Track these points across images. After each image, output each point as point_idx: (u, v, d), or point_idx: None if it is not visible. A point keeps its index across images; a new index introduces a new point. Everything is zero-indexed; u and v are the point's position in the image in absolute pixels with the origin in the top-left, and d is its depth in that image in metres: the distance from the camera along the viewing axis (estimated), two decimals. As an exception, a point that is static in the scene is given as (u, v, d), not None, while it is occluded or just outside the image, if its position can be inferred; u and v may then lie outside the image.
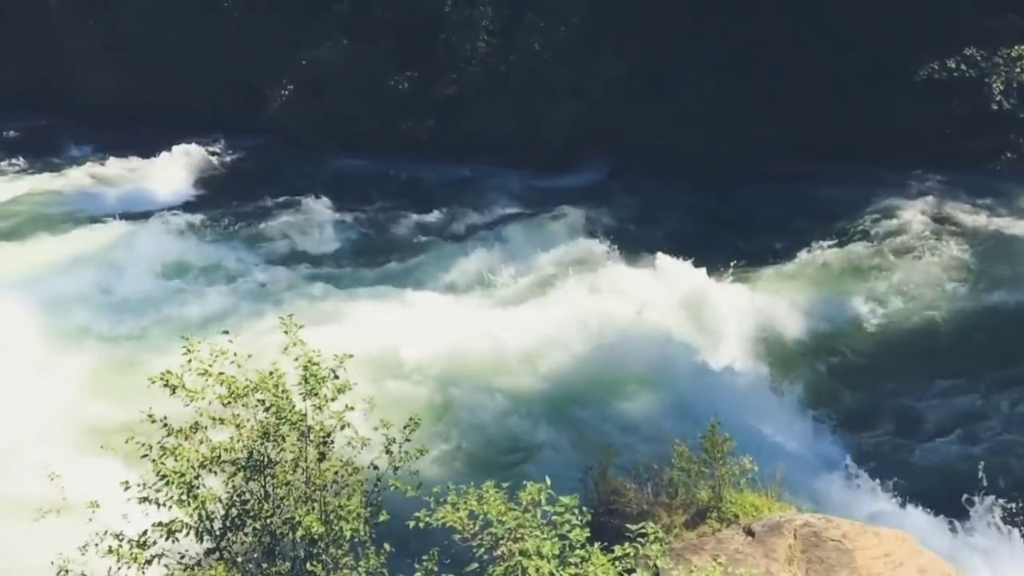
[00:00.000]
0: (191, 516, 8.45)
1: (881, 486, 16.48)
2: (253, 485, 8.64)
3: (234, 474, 8.61)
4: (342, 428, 8.85)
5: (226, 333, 9.50)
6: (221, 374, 8.80)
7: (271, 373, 8.85)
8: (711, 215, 28.89)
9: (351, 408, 8.89)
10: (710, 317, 22.83)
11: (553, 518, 7.63)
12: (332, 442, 8.89)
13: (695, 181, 30.33)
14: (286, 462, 8.72)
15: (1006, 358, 21.10)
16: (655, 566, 7.68)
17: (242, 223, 30.64)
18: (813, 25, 29.81)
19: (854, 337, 22.55)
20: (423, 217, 30.43)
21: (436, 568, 8.31)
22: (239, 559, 8.66)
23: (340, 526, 8.53)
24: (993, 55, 29.60)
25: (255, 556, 8.68)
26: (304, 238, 29.33)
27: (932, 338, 22.32)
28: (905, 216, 27.56)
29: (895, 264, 25.32)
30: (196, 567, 8.63)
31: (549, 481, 7.90)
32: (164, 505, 8.50)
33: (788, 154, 29.68)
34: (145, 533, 8.52)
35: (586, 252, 26.75)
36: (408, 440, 8.95)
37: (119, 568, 8.38)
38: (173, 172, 34.58)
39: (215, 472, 8.63)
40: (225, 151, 36.90)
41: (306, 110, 35.86)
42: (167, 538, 8.54)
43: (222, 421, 8.78)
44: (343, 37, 35.57)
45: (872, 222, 27.51)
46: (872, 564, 10.74)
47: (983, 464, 16.60)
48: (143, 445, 8.59)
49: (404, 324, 22.83)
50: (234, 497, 8.66)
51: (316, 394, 8.70)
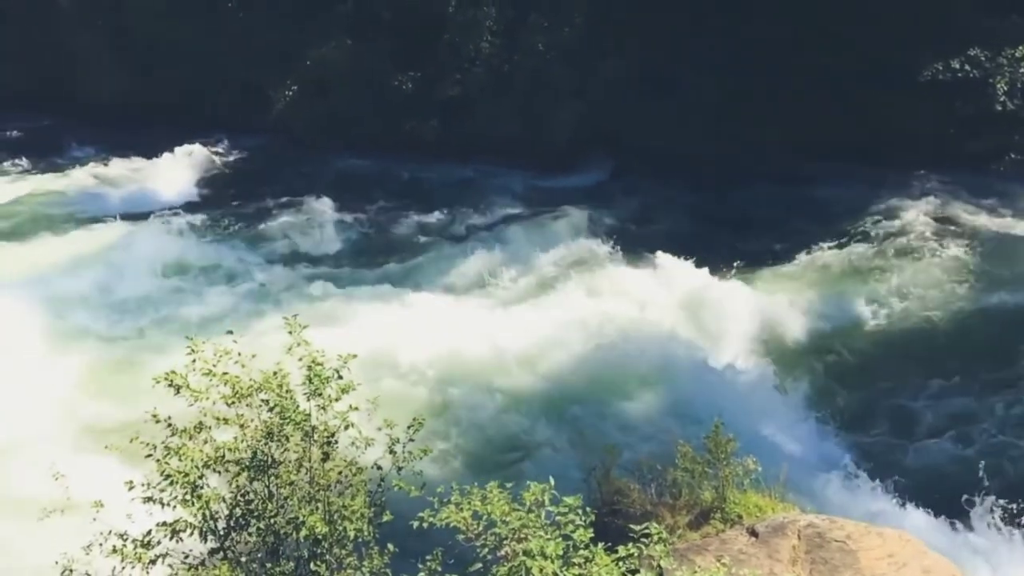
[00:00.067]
0: (195, 516, 8.46)
1: (884, 486, 16.49)
2: (257, 485, 8.65)
3: (238, 474, 8.62)
4: (346, 428, 8.87)
5: (230, 333, 9.53)
6: (225, 374, 8.82)
7: (275, 373, 8.87)
8: (713, 215, 28.87)
9: (355, 408, 8.91)
10: (712, 317, 22.82)
11: (557, 518, 7.64)
12: (336, 442, 8.91)
13: (698, 181, 30.31)
14: (290, 462, 8.74)
15: (1009, 359, 21.09)
16: (659, 567, 7.68)
17: (245, 223, 30.62)
18: (813, 25, 29.76)
19: (856, 338, 22.53)
20: (425, 217, 30.41)
21: (440, 568, 8.30)
22: (243, 559, 8.68)
23: (344, 526, 8.54)
24: (997, 55, 29.55)
25: (259, 556, 8.69)
26: (307, 239, 29.30)
27: (935, 339, 22.30)
28: (907, 217, 27.54)
29: (898, 265, 25.29)
30: (200, 567, 8.64)
31: (553, 481, 7.91)
32: (168, 505, 8.52)
33: (790, 154, 29.66)
34: (149, 533, 8.55)
35: (588, 252, 26.74)
36: (412, 440, 8.97)
37: (123, 568, 8.40)
38: (176, 172, 34.50)
39: (219, 472, 8.65)
40: (228, 151, 36.85)
41: (310, 110, 35.86)
42: (171, 538, 8.56)
43: (226, 421, 8.80)
44: (347, 37, 35.57)
45: (875, 223, 27.48)
46: (876, 565, 10.72)
47: (984, 464, 16.63)
48: (147, 445, 8.61)
49: (405, 324, 22.80)
50: (238, 497, 8.67)
51: (320, 394, 8.72)
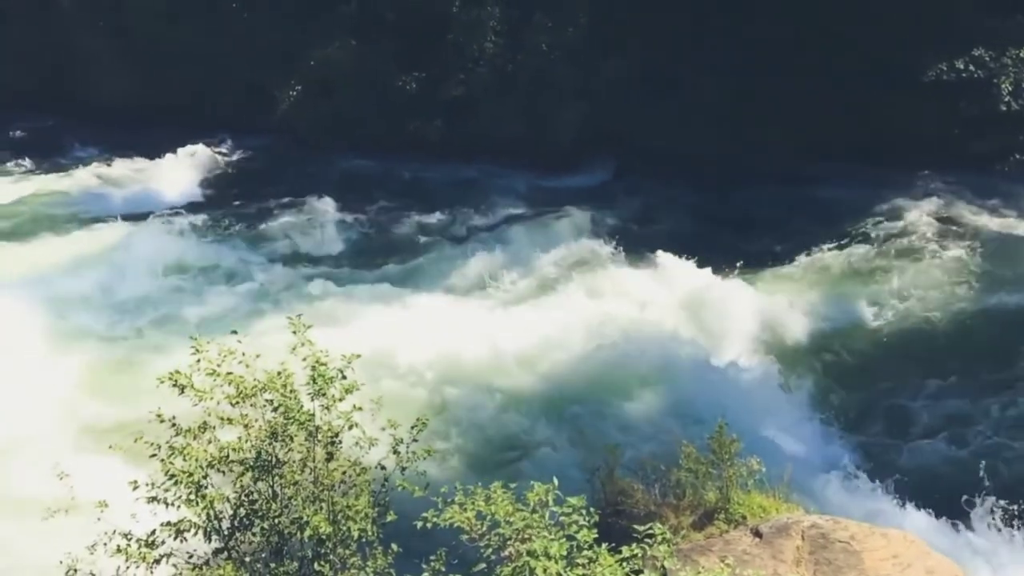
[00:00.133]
0: (199, 516, 8.48)
1: (886, 487, 16.47)
2: (261, 485, 8.66)
3: (242, 474, 8.63)
4: (350, 428, 8.87)
5: (235, 333, 9.52)
6: (229, 374, 8.83)
7: (279, 373, 8.88)
8: (715, 215, 28.82)
9: (359, 408, 8.91)
10: (714, 317, 22.80)
11: (561, 519, 7.63)
12: (340, 442, 8.91)
13: (701, 181, 30.24)
14: (294, 462, 8.74)
15: (1012, 360, 21.06)
16: (663, 567, 7.67)
17: (247, 224, 30.60)
18: (816, 25, 29.71)
19: (858, 338, 22.51)
20: (428, 218, 30.38)
21: (443, 568, 8.30)
22: (247, 559, 8.69)
23: (348, 526, 8.55)
24: (1002, 56, 29.51)
25: (263, 556, 8.70)
26: (310, 239, 29.28)
27: (937, 339, 22.27)
28: (911, 217, 27.50)
29: (901, 265, 25.26)
30: (204, 567, 8.65)
31: (556, 482, 7.90)
32: (172, 505, 8.53)
33: (792, 155, 29.59)
34: (154, 533, 8.55)
35: (590, 252, 26.72)
36: (415, 440, 8.97)
37: (127, 567, 8.41)
38: (179, 173, 34.47)
39: (223, 472, 8.66)
40: (232, 152, 36.81)
41: (314, 111, 35.85)
42: (175, 538, 8.57)
43: (230, 421, 8.81)
44: (351, 38, 35.56)
45: (879, 223, 27.43)
46: (880, 566, 10.72)
47: (986, 465, 16.60)
48: (152, 444, 8.61)
49: (407, 324, 22.82)
50: (242, 497, 8.68)
51: (324, 394, 8.72)
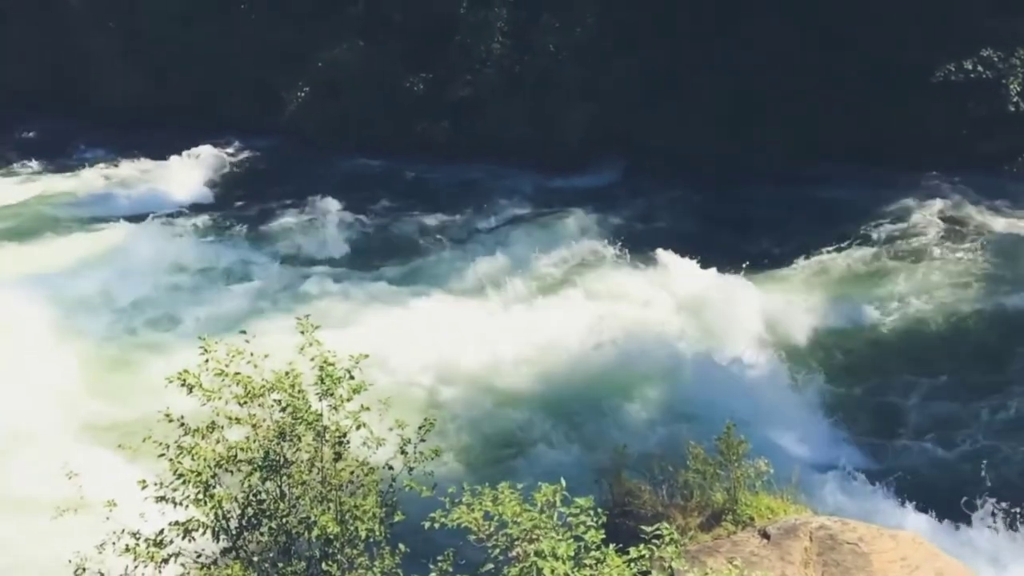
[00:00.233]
0: (207, 515, 8.48)
1: (893, 488, 16.44)
2: (269, 485, 8.66)
3: (250, 473, 8.63)
4: (358, 428, 8.87)
5: (243, 333, 9.54)
6: (238, 374, 8.84)
7: (287, 373, 8.88)
8: (720, 216, 28.77)
9: (367, 408, 8.91)
10: (718, 318, 22.78)
11: (568, 519, 7.62)
12: (348, 442, 8.91)
13: (706, 182, 30.21)
14: (302, 462, 8.74)
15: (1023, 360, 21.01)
16: (670, 568, 7.65)
17: (252, 225, 30.65)
18: (818, 25, 29.66)
19: (866, 339, 22.47)
20: (435, 219, 30.38)
21: (451, 568, 8.30)
22: (255, 558, 8.69)
23: (355, 526, 8.55)
24: (1010, 56, 29.45)
25: (271, 555, 8.70)
26: (314, 240, 29.30)
27: (946, 340, 22.21)
28: (917, 217, 27.44)
29: (911, 266, 25.21)
30: (212, 566, 8.66)
31: (564, 482, 7.89)
32: (181, 504, 8.54)
33: (798, 155, 29.57)
34: (162, 532, 8.57)
35: (595, 253, 26.74)
36: (423, 441, 8.96)
37: (136, 567, 8.43)
38: (186, 174, 34.53)
39: (231, 472, 8.66)
40: (239, 153, 36.87)
41: (322, 112, 35.89)
42: (184, 537, 8.58)
43: (238, 421, 8.81)
44: (359, 39, 35.61)
45: (887, 223, 27.36)
46: (888, 568, 10.69)
47: (994, 466, 16.56)
48: (160, 444, 8.63)
49: (408, 325, 22.88)
50: (250, 496, 8.68)
51: (332, 394, 8.72)
